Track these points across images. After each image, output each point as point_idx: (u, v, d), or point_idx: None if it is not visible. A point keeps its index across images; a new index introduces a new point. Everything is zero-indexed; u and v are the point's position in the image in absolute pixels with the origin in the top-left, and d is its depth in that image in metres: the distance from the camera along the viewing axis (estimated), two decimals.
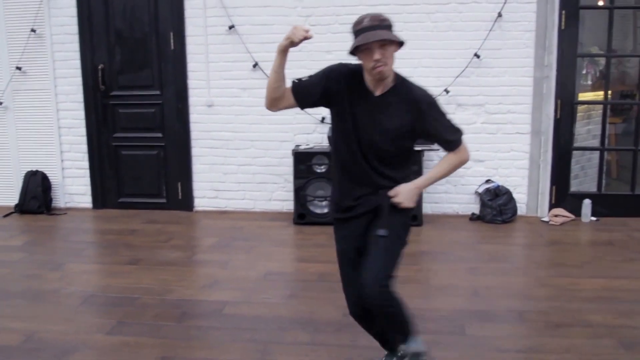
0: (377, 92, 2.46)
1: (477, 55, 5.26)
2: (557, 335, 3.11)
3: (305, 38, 2.40)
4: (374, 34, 2.32)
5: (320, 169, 5.25)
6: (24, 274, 4.17)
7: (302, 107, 2.60)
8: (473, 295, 3.68)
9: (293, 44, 2.42)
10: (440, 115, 2.49)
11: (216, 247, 4.72)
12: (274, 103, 2.56)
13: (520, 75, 5.29)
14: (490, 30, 5.21)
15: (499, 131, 5.40)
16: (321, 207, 5.28)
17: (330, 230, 5.15)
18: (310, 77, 2.54)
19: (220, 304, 3.55)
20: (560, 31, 5.19)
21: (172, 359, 2.90)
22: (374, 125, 2.46)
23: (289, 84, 2.53)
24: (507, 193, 5.31)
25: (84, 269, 4.27)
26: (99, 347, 3.03)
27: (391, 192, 2.49)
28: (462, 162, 2.55)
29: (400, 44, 2.43)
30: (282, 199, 5.74)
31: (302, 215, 5.30)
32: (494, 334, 3.13)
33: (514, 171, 5.44)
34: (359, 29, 2.39)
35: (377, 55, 2.33)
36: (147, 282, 3.94)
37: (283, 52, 2.47)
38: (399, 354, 2.62)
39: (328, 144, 5.24)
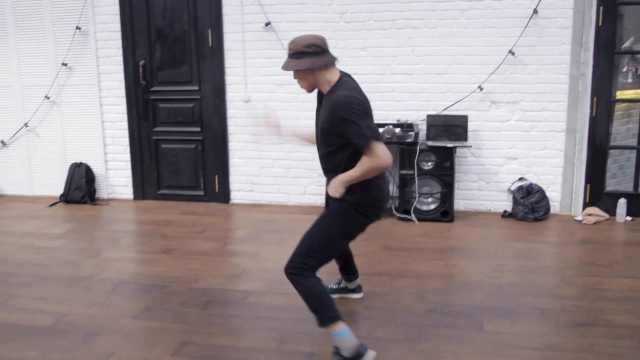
0: (324, 98, 2.88)
1: (511, 52, 5.22)
2: (577, 334, 3.10)
3: None
4: (282, 64, 2.84)
5: None
6: (62, 260, 4.38)
7: None
8: (496, 291, 3.68)
9: None
10: (351, 119, 2.66)
11: (248, 239, 4.84)
12: None
13: (556, 73, 5.22)
14: (525, 27, 5.17)
15: (533, 129, 5.35)
16: None
17: None
18: None
19: (245, 294, 3.67)
20: (597, 27, 5.10)
21: (192, 344, 3.01)
22: (316, 123, 2.97)
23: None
24: (540, 191, 5.26)
25: (118, 256, 4.45)
26: (124, 330, 3.18)
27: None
28: (374, 167, 2.70)
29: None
30: (316, 193, 5.84)
31: None
32: (512, 331, 3.13)
33: (548, 169, 5.39)
34: None
35: (294, 77, 2.88)
36: (178, 270, 4.08)
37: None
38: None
39: None
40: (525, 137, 5.38)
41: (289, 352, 2.94)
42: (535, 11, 5.13)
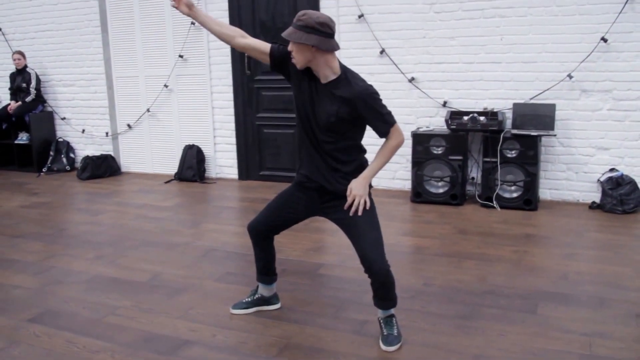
0: (322, 81, 2.77)
1: (604, 39, 5.12)
2: (632, 325, 3.07)
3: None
4: (285, 31, 2.67)
5: (438, 151, 5.48)
6: (167, 229, 5.01)
7: (272, 68, 2.95)
8: (560, 278, 3.71)
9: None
10: (377, 109, 2.75)
11: None
12: (235, 46, 3.07)
13: None
14: (620, 12, 5.04)
15: (627, 118, 5.22)
16: (436, 187, 5.52)
17: (442, 209, 5.40)
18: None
19: (317, 266, 4.02)
20: None
21: None
22: (313, 108, 2.81)
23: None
24: (631, 183, 5.12)
25: (215, 228, 5.00)
26: (205, 290, 3.66)
27: (347, 191, 2.85)
28: (399, 143, 2.88)
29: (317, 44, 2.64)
30: (404, 178, 6.06)
31: (418, 194, 5.59)
32: (565, 316, 3.16)
33: None
34: None
35: (290, 47, 2.70)
36: None
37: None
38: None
39: (447, 127, 5.44)
40: (617, 127, 5.26)
41: (344, 319, 3.22)
42: None
